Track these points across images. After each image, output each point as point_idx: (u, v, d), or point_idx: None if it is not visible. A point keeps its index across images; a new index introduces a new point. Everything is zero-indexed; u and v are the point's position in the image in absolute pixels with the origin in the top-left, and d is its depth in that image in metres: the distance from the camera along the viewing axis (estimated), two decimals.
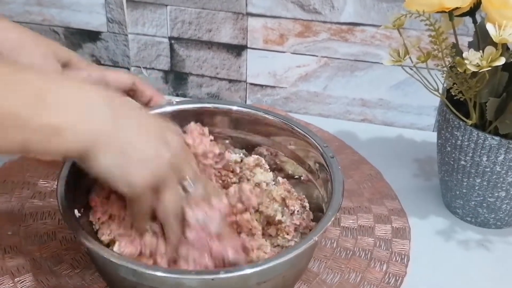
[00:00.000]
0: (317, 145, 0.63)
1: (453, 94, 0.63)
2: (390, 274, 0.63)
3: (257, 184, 0.64)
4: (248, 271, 0.49)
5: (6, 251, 0.62)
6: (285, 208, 0.62)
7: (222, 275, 0.48)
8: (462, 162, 0.66)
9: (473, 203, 0.69)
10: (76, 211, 0.56)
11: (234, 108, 0.68)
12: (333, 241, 0.66)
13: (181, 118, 0.64)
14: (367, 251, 0.65)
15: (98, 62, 0.95)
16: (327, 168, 0.61)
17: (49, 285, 0.59)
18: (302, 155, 0.66)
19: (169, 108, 0.67)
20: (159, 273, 0.49)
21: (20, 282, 0.59)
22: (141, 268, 0.49)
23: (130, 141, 0.49)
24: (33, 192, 0.70)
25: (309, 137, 0.64)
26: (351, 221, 0.69)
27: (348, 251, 0.65)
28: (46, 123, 0.44)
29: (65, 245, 0.64)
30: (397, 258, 0.65)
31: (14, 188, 0.71)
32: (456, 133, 0.65)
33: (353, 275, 0.62)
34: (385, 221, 0.69)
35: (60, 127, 0.45)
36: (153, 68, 0.94)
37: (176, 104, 0.68)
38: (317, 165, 0.64)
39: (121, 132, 0.48)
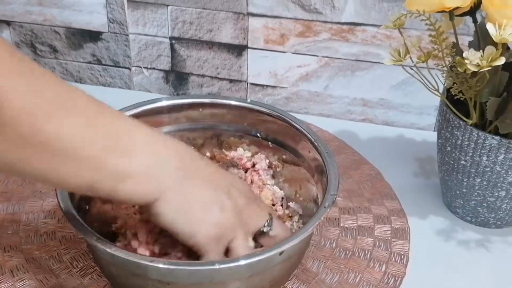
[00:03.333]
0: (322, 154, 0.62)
1: (453, 93, 0.63)
2: (389, 275, 0.63)
3: None
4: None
5: (6, 250, 0.62)
6: None
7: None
8: (462, 162, 0.66)
9: (473, 202, 0.68)
10: None
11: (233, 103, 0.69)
12: (332, 241, 0.66)
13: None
14: (366, 251, 0.65)
15: (99, 62, 0.95)
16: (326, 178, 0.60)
17: (48, 284, 0.59)
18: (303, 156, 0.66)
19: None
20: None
21: (19, 281, 0.59)
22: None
23: (197, 196, 0.50)
24: (33, 191, 0.71)
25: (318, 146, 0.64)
26: (350, 221, 0.69)
27: (348, 251, 0.65)
28: (117, 168, 0.45)
29: (64, 245, 0.64)
30: (397, 258, 0.65)
31: (14, 188, 0.71)
32: (456, 132, 0.65)
33: (352, 275, 0.62)
34: (385, 222, 0.69)
35: (129, 175, 0.46)
36: (154, 68, 0.94)
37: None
38: (317, 172, 0.63)
39: (187, 188, 0.49)
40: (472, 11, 0.63)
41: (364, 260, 0.64)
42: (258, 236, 0.56)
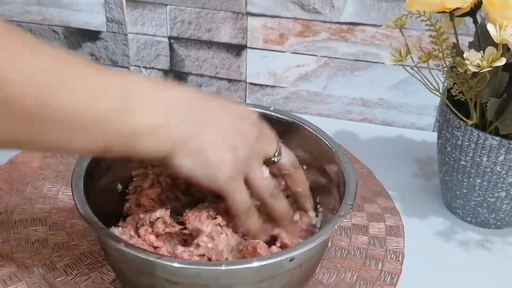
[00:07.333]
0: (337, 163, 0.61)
1: (453, 94, 0.63)
2: (386, 272, 0.62)
3: None
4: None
5: None
6: None
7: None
8: (463, 162, 0.66)
9: (473, 203, 0.68)
10: None
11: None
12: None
13: None
14: (362, 250, 0.65)
15: (97, 61, 0.95)
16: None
17: None
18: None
19: None
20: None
21: None
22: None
23: (209, 141, 0.50)
24: (22, 198, 0.69)
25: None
26: (345, 220, 0.68)
27: (343, 250, 0.65)
28: (129, 128, 0.45)
29: (57, 252, 0.62)
30: (392, 256, 0.65)
31: (3, 196, 0.69)
32: (456, 133, 0.65)
33: (349, 274, 0.62)
34: (379, 219, 0.69)
35: (143, 131, 0.46)
36: (152, 68, 0.94)
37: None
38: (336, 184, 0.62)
39: (201, 134, 0.50)
40: (472, 12, 0.63)
41: (360, 259, 0.64)
42: (269, 165, 0.56)
